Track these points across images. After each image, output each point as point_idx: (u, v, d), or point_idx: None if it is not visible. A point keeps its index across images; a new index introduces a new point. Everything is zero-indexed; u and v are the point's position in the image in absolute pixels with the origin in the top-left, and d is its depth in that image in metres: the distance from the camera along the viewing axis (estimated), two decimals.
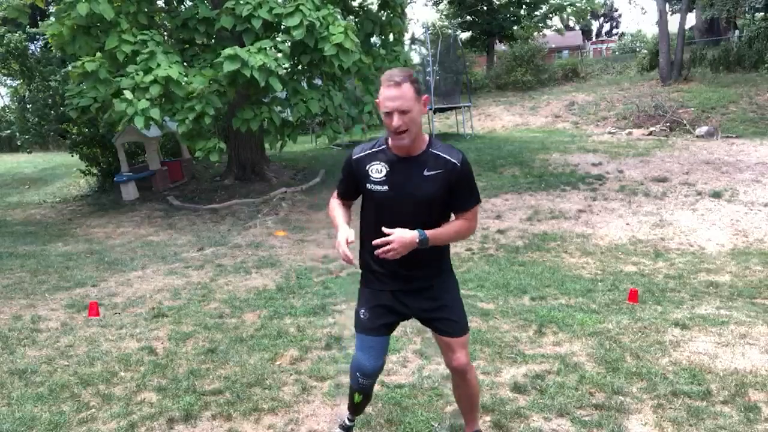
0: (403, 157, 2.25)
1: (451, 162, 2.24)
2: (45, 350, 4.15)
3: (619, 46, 39.29)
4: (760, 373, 3.44)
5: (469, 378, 2.50)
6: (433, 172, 2.23)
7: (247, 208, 10.40)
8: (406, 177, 2.24)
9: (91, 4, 8.52)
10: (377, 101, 2.23)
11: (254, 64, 8.47)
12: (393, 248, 2.15)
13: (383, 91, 2.15)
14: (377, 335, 2.44)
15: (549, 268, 6.48)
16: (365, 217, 2.40)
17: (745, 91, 17.10)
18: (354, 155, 2.36)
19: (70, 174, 15.87)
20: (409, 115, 2.12)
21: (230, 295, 5.50)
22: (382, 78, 2.18)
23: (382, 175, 2.26)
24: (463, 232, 2.34)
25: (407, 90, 2.11)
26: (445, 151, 2.27)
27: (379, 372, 2.52)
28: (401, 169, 2.25)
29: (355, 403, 2.66)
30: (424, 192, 2.23)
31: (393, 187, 2.25)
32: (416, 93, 2.13)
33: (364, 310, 2.45)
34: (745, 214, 8.22)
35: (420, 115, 2.19)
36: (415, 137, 2.20)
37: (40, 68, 14.67)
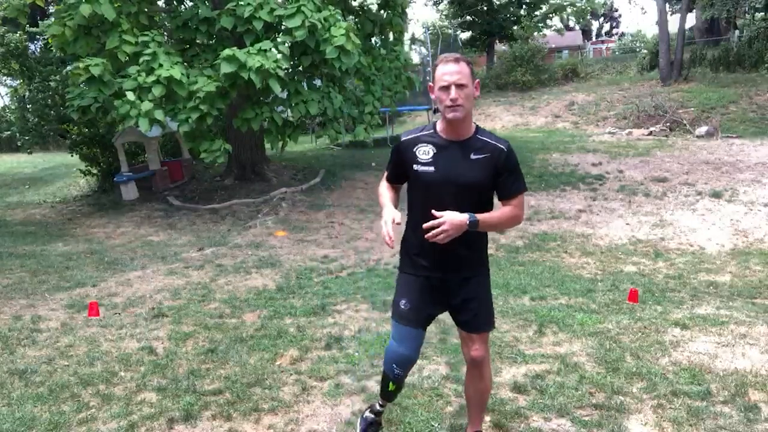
0: (451, 140, 2.30)
1: (498, 147, 2.29)
2: (45, 350, 4.15)
3: (619, 46, 39.30)
4: (760, 373, 3.44)
5: (484, 372, 2.52)
6: (480, 156, 2.27)
7: (247, 208, 10.40)
8: (453, 160, 2.28)
9: (92, 5, 8.51)
10: (430, 84, 2.30)
11: (252, 66, 8.46)
12: (444, 230, 2.16)
13: (441, 67, 2.22)
14: (416, 327, 2.45)
15: (549, 268, 6.48)
16: (412, 200, 2.42)
17: (745, 91, 17.10)
18: (403, 138, 2.41)
19: (70, 174, 15.87)
20: (465, 90, 2.20)
21: (230, 295, 5.50)
22: (439, 57, 2.26)
23: (429, 157, 2.31)
24: (512, 220, 2.36)
25: (464, 67, 2.21)
26: (492, 137, 2.33)
27: (414, 362, 2.52)
28: (449, 151, 2.29)
29: (388, 391, 2.64)
30: (470, 175, 2.27)
31: (439, 169, 2.29)
32: (471, 73, 2.22)
33: (405, 301, 2.44)
34: (745, 214, 8.23)
35: (473, 96, 2.24)
36: (467, 116, 2.25)
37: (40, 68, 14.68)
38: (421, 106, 17.89)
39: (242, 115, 9.74)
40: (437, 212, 2.19)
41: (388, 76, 11.71)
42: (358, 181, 11.79)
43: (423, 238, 2.28)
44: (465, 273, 2.41)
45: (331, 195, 10.95)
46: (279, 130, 10.18)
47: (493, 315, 2.51)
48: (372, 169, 12.71)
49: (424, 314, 2.46)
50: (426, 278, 2.43)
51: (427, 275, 2.42)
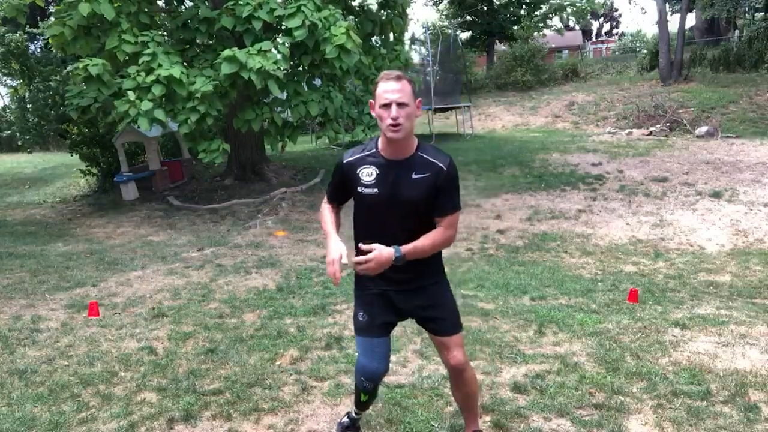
0: (393, 160, 2.29)
1: (438, 165, 2.28)
2: (45, 350, 4.15)
3: (619, 46, 39.32)
4: (760, 373, 3.44)
5: (466, 377, 2.51)
6: (420, 176, 2.27)
7: (247, 208, 10.40)
8: (395, 180, 2.28)
9: (92, 5, 8.51)
10: (371, 101, 2.29)
11: (252, 67, 8.46)
12: (370, 267, 2.20)
13: (382, 84, 2.21)
14: (377, 336, 2.46)
15: (549, 268, 6.48)
16: (357, 220, 2.46)
17: (745, 91, 17.11)
18: (345, 159, 2.40)
19: (70, 174, 15.87)
20: (406, 110, 2.18)
21: (230, 295, 5.50)
22: (381, 75, 2.25)
23: (372, 179, 2.31)
24: (441, 243, 2.34)
25: (406, 85, 2.20)
26: (432, 155, 2.31)
27: (383, 375, 2.54)
28: (391, 172, 2.29)
29: (361, 402, 2.69)
30: (412, 195, 2.27)
31: (382, 190, 2.29)
32: (413, 92, 2.21)
33: (362, 313, 2.47)
34: (745, 214, 8.22)
35: (414, 116, 2.23)
36: (408, 136, 2.24)
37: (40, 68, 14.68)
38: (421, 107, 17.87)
39: (242, 116, 9.74)
40: (365, 246, 2.23)
41: None
42: None
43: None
44: (418, 284, 2.42)
45: None
46: (278, 131, 10.19)
47: (459, 317, 2.50)
48: None
49: (381, 321, 2.46)
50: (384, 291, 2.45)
51: (379, 291, 2.45)
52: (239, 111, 9.92)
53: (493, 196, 9.79)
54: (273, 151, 11.34)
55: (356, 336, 2.52)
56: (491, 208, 9.26)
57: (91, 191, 13.71)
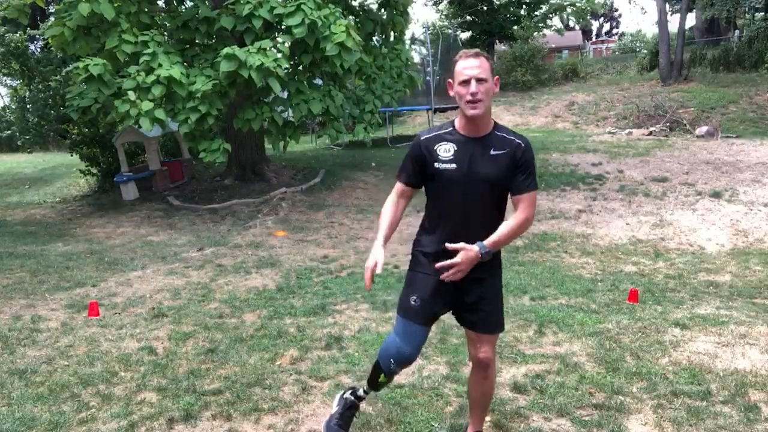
0: (471, 137, 2.31)
1: (516, 142, 2.31)
2: (45, 350, 4.15)
3: (619, 46, 39.30)
4: (760, 373, 3.44)
5: (490, 374, 2.52)
6: (499, 152, 2.29)
7: (247, 208, 10.40)
8: (474, 156, 2.29)
9: (92, 5, 8.51)
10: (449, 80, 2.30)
11: (252, 64, 8.46)
12: (460, 269, 2.22)
13: (461, 62, 2.23)
14: (423, 325, 2.45)
15: (549, 268, 6.48)
16: (431, 199, 2.44)
17: (745, 91, 17.11)
18: (422, 137, 2.40)
19: (70, 174, 15.87)
20: (485, 85, 2.20)
21: (230, 295, 5.50)
22: (459, 53, 2.29)
23: (450, 154, 2.31)
24: (520, 227, 2.33)
25: (485, 62, 2.22)
26: (510, 133, 2.35)
27: (412, 362, 2.52)
28: (469, 148, 2.30)
29: (378, 383, 2.63)
30: (491, 171, 2.28)
31: (461, 165, 2.30)
32: (491, 69, 2.24)
33: (416, 297, 2.43)
34: (745, 214, 8.23)
35: (492, 92, 2.25)
36: (486, 112, 2.27)
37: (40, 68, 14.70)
38: (421, 106, 17.89)
39: (243, 116, 9.74)
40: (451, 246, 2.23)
41: (389, 75, 11.71)
42: (358, 181, 11.80)
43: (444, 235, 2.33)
44: (478, 274, 2.38)
45: (331, 195, 10.95)
46: (279, 131, 10.18)
47: (503, 317, 2.51)
48: (372, 169, 12.71)
49: (432, 312, 2.45)
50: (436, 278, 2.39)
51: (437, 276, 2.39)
52: (239, 110, 9.92)
53: None
54: (275, 150, 11.34)
55: (400, 317, 2.48)
56: None
57: (91, 191, 13.71)
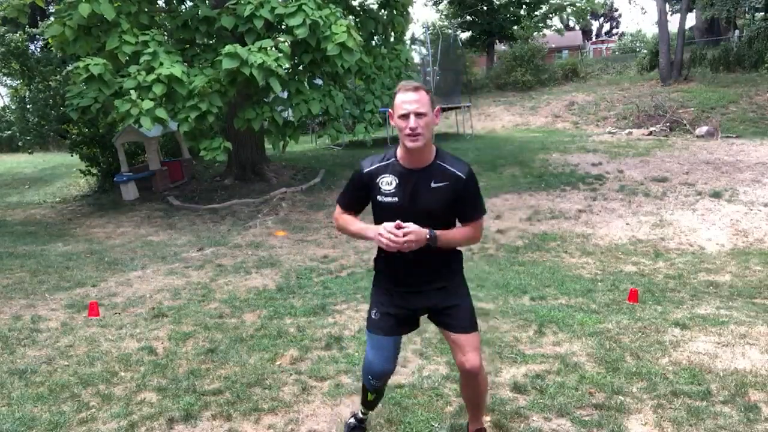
0: (412, 169, 2.33)
1: (456, 174, 2.32)
2: (45, 350, 4.15)
3: (619, 46, 39.29)
4: (760, 373, 3.44)
5: (479, 380, 2.51)
6: (439, 184, 2.31)
7: (247, 208, 10.40)
8: (415, 188, 2.32)
9: (92, 5, 8.51)
10: (390, 111, 2.35)
11: (253, 62, 8.46)
12: (409, 239, 2.21)
13: (400, 95, 2.25)
14: (388, 335, 2.49)
15: (549, 268, 6.48)
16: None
17: (745, 91, 17.11)
18: (364, 169, 2.42)
19: (70, 174, 15.87)
20: (424, 119, 2.22)
21: (230, 295, 5.50)
22: (399, 86, 2.30)
23: (392, 187, 2.34)
24: (470, 239, 2.43)
25: (424, 96, 2.24)
26: (451, 163, 2.34)
27: (389, 374, 2.58)
28: (410, 180, 2.32)
29: (368, 401, 2.74)
30: (432, 203, 2.31)
31: (402, 199, 2.33)
32: (431, 102, 2.27)
33: (376, 310, 2.51)
34: (745, 214, 8.22)
35: (432, 124, 2.27)
36: (426, 145, 2.28)
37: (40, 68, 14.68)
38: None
39: (243, 115, 9.74)
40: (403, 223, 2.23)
41: (388, 75, 11.72)
42: None
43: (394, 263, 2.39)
44: (437, 284, 2.45)
45: (331, 195, 10.94)
46: (279, 131, 10.19)
47: (475, 318, 2.52)
48: None
49: (394, 321, 2.48)
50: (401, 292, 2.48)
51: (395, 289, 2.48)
52: (239, 110, 9.92)
53: (493, 196, 9.79)
54: (275, 150, 11.34)
55: (367, 332, 2.55)
56: (491, 208, 9.26)
57: (91, 191, 13.72)
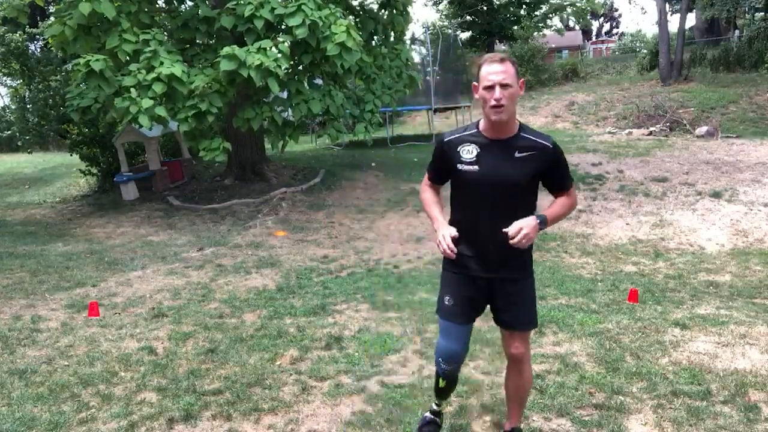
0: (494, 139, 2.30)
1: (542, 144, 2.30)
2: (45, 350, 4.15)
3: (619, 46, 39.31)
4: (760, 373, 3.44)
5: (524, 368, 2.55)
6: (524, 154, 2.27)
7: (247, 208, 10.40)
8: (497, 158, 2.28)
9: (93, 4, 8.50)
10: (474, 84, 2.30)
11: (251, 64, 8.46)
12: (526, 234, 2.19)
13: (486, 67, 2.23)
14: (461, 323, 2.48)
15: (549, 268, 6.48)
16: (455, 199, 2.45)
17: (745, 91, 17.11)
18: (446, 138, 2.42)
19: (70, 174, 15.87)
20: (509, 90, 2.19)
21: (230, 295, 5.50)
22: (484, 57, 2.27)
23: (473, 156, 2.31)
24: (570, 208, 2.44)
25: (510, 67, 2.21)
26: (535, 135, 2.33)
27: (462, 357, 2.54)
28: (492, 150, 2.29)
29: (440, 388, 2.67)
30: (514, 174, 2.27)
31: (483, 168, 2.29)
32: (516, 73, 2.23)
33: (449, 297, 2.47)
34: (745, 214, 8.22)
35: (517, 96, 2.25)
36: (510, 117, 2.26)
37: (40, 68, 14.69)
38: (421, 106, 17.89)
39: (242, 115, 9.74)
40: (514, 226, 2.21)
41: (389, 75, 11.72)
42: (358, 181, 11.79)
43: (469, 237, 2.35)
44: (508, 274, 2.41)
45: (331, 195, 10.94)
46: (279, 130, 10.18)
47: (536, 315, 2.53)
48: (372, 169, 12.70)
49: (467, 309, 2.47)
50: (469, 277, 2.44)
51: (471, 274, 2.43)
52: (239, 110, 9.92)
53: None
54: (274, 150, 11.34)
55: (439, 318, 2.53)
56: None
57: (91, 191, 13.71)
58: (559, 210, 2.39)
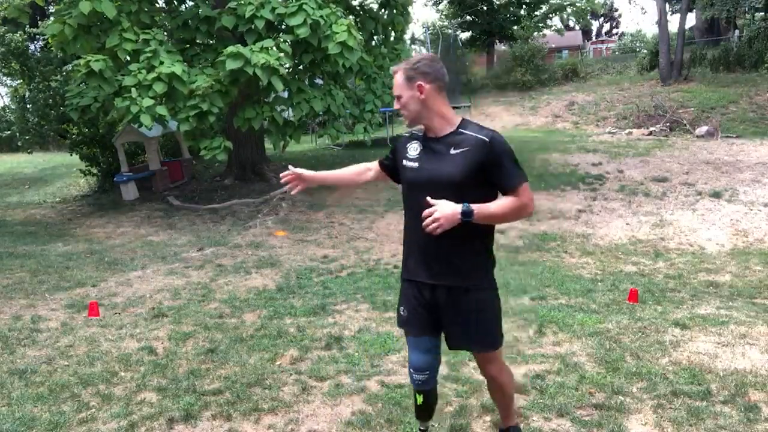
0: (432, 137, 2.30)
1: (478, 139, 2.18)
2: (45, 350, 4.15)
3: (619, 46, 39.31)
4: (760, 373, 3.44)
5: (500, 382, 2.48)
6: (459, 150, 2.20)
7: (247, 208, 10.40)
8: (434, 155, 2.27)
9: (93, 3, 8.51)
10: None
11: (257, 63, 8.47)
12: (435, 218, 2.08)
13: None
14: (418, 335, 2.41)
15: (549, 268, 6.48)
16: (403, 200, 2.42)
17: (745, 91, 17.10)
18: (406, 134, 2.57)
19: (70, 174, 15.87)
20: (401, 101, 2.29)
21: (230, 295, 5.50)
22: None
23: (416, 153, 2.34)
24: (516, 210, 2.16)
25: (398, 78, 2.29)
26: (475, 130, 2.24)
27: (432, 368, 2.44)
28: (431, 148, 2.29)
29: (418, 407, 2.57)
30: (448, 170, 2.20)
31: (421, 164, 2.29)
32: (406, 80, 2.25)
33: (403, 307, 2.43)
34: (745, 214, 8.22)
35: (413, 100, 2.25)
36: (418, 117, 2.29)
37: (40, 68, 14.67)
38: None
39: (243, 115, 9.74)
40: (432, 200, 2.12)
41: (389, 75, 11.72)
42: None
43: (412, 238, 2.32)
44: (454, 282, 2.26)
45: (331, 195, 10.95)
46: (280, 130, 10.19)
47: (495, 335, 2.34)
48: None
49: (422, 318, 2.37)
50: (418, 284, 2.34)
51: (418, 280, 2.34)
52: (240, 110, 9.92)
53: None
54: (275, 150, 11.34)
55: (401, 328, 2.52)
56: None
57: (91, 191, 13.71)
58: (498, 208, 2.14)
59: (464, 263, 2.26)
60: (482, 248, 2.30)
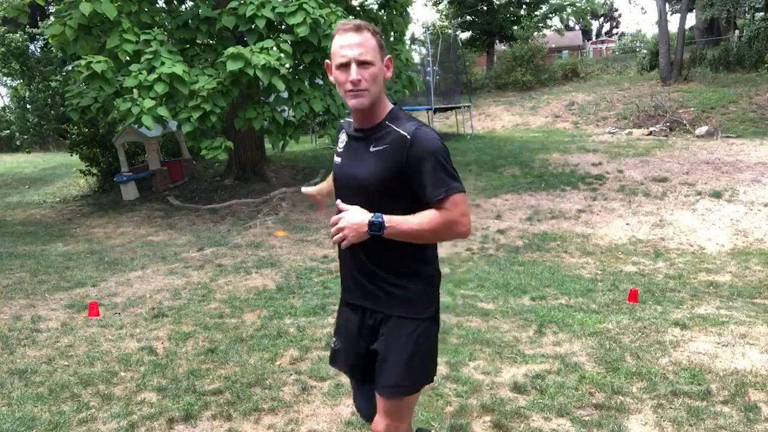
0: (358, 129, 1.83)
1: (399, 135, 1.71)
2: (45, 350, 4.15)
3: (619, 46, 39.33)
4: (760, 373, 3.44)
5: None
6: (378, 149, 1.74)
7: (247, 208, 10.40)
8: (353, 153, 1.83)
9: (93, 4, 8.50)
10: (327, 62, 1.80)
11: (257, 63, 8.48)
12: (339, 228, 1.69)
13: (338, 39, 1.71)
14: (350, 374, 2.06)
15: (549, 268, 6.48)
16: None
17: (745, 91, 17.11)
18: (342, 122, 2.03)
19: (70, 174, 15.87)
20: (369, 70, 1.68)
21: (230, 295, 5.50)
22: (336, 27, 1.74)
23: (342, 147, 1.91)
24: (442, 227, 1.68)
25: (369, 38, 1.69)
26: (400, 124, 1.74)
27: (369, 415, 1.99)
28: (355, 142, 1.84)
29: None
30: (363, 173, 1.76)
31: (342, 161, 1.88)
32: (380, 46, 1.72)
33: (336, 338, 2.02)
34: (745, 214, 8.22)
35: (383, 77, 1.75)
36: (374, 103, 1.75)
37: (40, 68, 14.70)
38: (421, 106, 17.89)
39: (243, 115, 9.75)
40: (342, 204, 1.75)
41: None
42: None
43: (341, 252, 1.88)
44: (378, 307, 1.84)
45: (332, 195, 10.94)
46: (280, 130, 10.19)
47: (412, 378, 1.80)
48: None
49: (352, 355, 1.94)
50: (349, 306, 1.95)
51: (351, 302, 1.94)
52: (240, 110, 9.93)
53: (493, 196, 9.79)
54: (275, 149, 11.34)
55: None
56: (491, 208, 9.26)
57: (91, 191, 13.72)
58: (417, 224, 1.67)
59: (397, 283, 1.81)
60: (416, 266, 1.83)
